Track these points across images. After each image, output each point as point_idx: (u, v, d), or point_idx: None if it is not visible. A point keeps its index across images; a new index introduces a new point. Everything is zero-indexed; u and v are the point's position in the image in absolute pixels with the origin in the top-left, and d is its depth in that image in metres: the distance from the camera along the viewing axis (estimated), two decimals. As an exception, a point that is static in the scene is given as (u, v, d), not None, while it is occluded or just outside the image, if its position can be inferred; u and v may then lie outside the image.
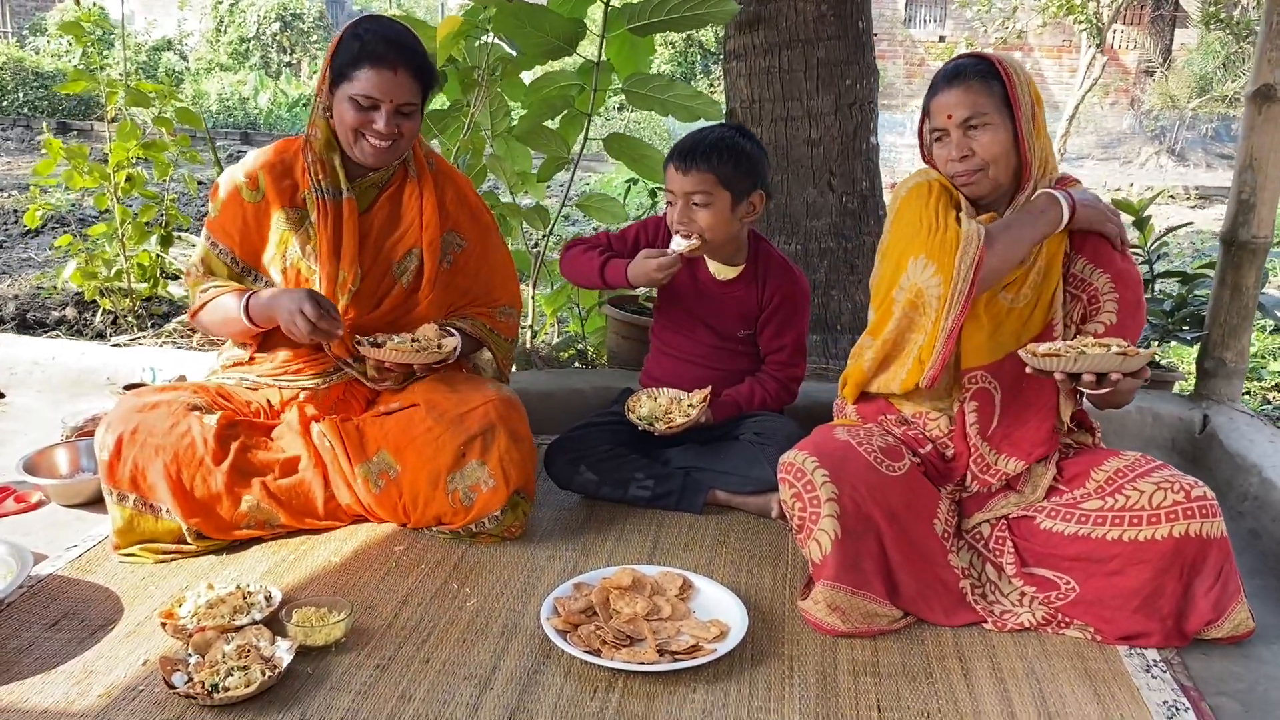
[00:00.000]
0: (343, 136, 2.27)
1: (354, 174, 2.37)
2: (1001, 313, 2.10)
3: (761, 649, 1.92)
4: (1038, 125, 2.08)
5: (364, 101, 2.21)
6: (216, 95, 13.97)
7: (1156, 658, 1.92)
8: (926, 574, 2.03)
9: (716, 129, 2.43)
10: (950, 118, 2.06)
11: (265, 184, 2.35)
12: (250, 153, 2.42)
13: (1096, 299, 2.11)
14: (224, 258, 2.40)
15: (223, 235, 2.39)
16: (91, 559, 2.20)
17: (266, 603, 1.98)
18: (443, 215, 2.45)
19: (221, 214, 2.39)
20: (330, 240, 2.34)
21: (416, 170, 2.44)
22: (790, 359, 2.59)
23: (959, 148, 2.06)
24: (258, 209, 2.36)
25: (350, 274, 2.36)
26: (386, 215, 2.42)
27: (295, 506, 2.31)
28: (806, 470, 2.00)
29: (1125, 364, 1.87)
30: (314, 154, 2.32)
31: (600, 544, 2.35)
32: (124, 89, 3.48)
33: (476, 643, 1.92)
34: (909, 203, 2.11)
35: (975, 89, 2.04)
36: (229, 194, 2.38)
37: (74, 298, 4.09)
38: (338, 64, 2.24)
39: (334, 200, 2.34)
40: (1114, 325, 2.08)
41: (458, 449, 2.25)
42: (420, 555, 2.26)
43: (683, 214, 2.41)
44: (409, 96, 2.24)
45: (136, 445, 2.18)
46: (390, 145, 2.27)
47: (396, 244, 2.42)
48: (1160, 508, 1.91)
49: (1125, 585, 1.93)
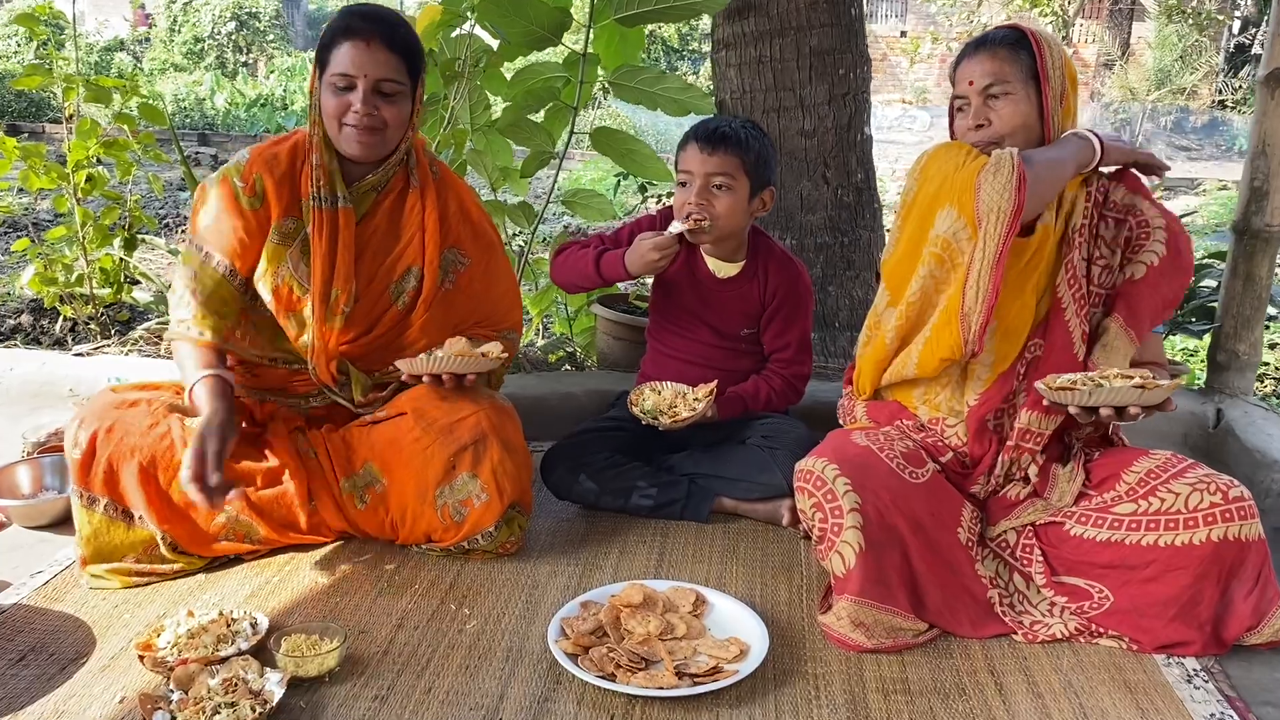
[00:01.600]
0: (330, 129, 2.12)
1: (351, 177, 2.20)
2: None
3: (784, 668, 1.81)
4: (1066, 105, 1.99)
5: (340, 82, 2.06)
6: (172, 96, 13.67)
7: (1197, 667, 1.83)
8: (953, 585, 1.93)
9: (734, 120, 2.36)
10: (971, 84, 1.99)
11: (267, 189, 2.15)
12: (243, 150, 2.21)
13: (1146, 227, 2.02)
14: (221, 271, 2.15)
15: (219, 247, 2.15)
16: (59, 586, 2.05)
17: (252, 630, 1.84)
18: (444, 230, 2.28)
19: (217, 221, 2.15)
20: (325, 255, 2.16)
21: (419, 178, 2.26)
22: (795, 356, 2.49)
23: (976, 116, 1.99)
24: (258, 218, 2.15)
25: (344, 293, 2.18)
26: (385, 228, 2.24)
27: (277, 518, 2.16)
28: (827, 478, 1.89)
29: (1144, 398, 1.78)
30: (316, 156, 2.14)
31: (603, 558, 2.22)
32: (83, 84, 3.30)
33: (480, 669, 1.79)
34: (935, 158, 2.01)
35: (1001, 57, 1.97)
36: (225, 198, 2.15)
37: (29, 304, 3.90)
38: (320, 50, 2.10)
39: (330, 209, 2.16)
40: (1154, 269, 1.99)
41: (448, 460, 2.11)
42: (413, 574, 2.13)
43: (700, 195, 2.30)
44: (387, 71, 2.07)
45: (111, 444, 2.03)
46: (374, 134, 2.09)
47: (396, 261, 2.25)
48: (1197, 510, 1.82)
49: (1162, 592, 1.84)
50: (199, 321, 2.12)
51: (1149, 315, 2.02)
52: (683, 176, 2.35)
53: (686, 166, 2.33)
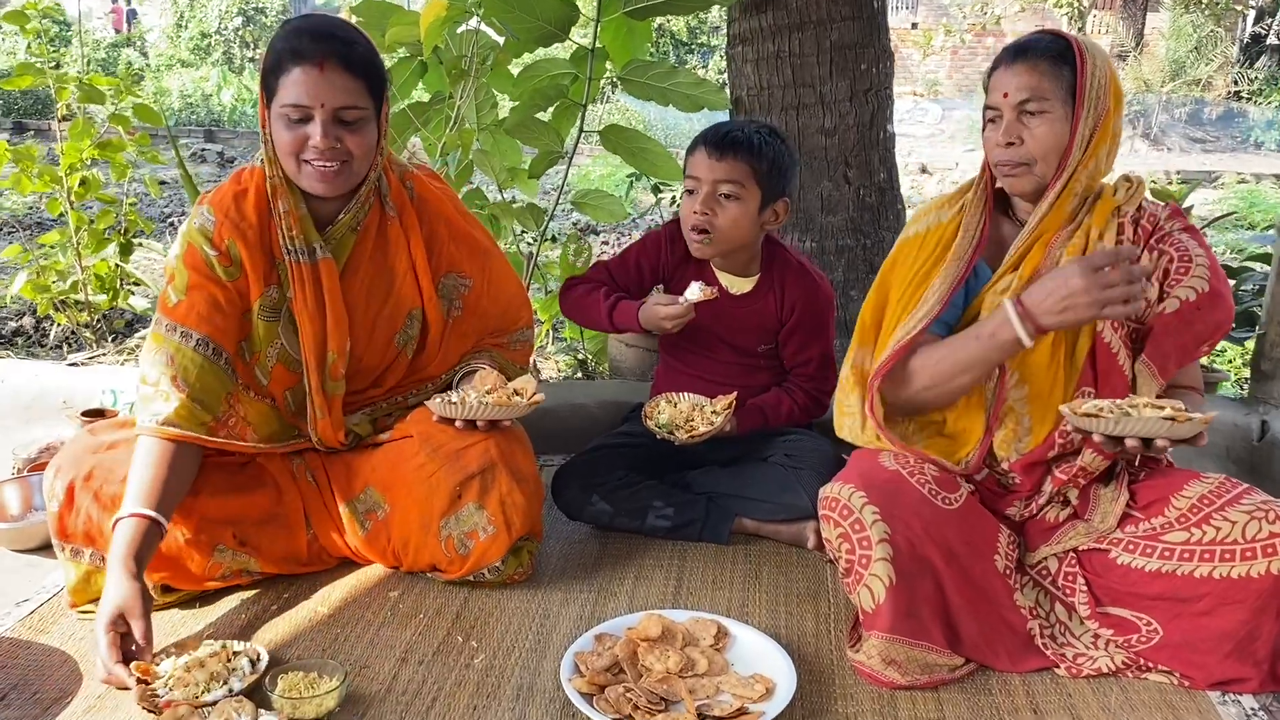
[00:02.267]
0: (287, 167, 1.88)
1: (321, 219, 1.98)
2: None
3: (813, 707, 1.70)
4: (1104, 129, 1.82)
5: (293, 114, 1.82)
6: (178, 92, 13.58)
7: (1255, 705, 1.71)
8: (990, 617, 1.81)
9: (751, 125, 2.22)
10: (1006, 96, 1.84)
11: (242, 257, 1.93)
12: (201, 208, 1.95)
13: (1187, 260, 1.84)
14: (203, 352, 1.92)
15: (201, 323, 1.91)
16: (45, 615, 1.95)
17: (251, 668, 1.73)
18: (435, 259, 2.10)
19: (192, 295, 1.92)
20: (313, 317, 1.97)
21: (395, 205, 2.06)
22: (818, 372, 2.36)
23: (1007, 132, 1.84)
24: (237, 288, 1.95)
25: (340, 355, 2.00)
26: (373, 275, 2.05)
27: (276, 553, 2.05)
28: (854, 507, 1.77)
29: (1173, 430, 1.64)
30: (284, 203, 1.92)
31: (618, 584, 2.11)
32: (76, 84, 3.19)
33: (489, 709, 1.68)
34: (900, 256, 1.98)
35: (1041, 70, 1.81)
36: (197, 269, 1.92)
37: (30, 306, 3.81)
38: (264, 76, 1.86)
39: (310, 263, 1.95)
40: (1188, 304, 1.80)
41: (453, 489, 1.98)
42: (418, 603, 2.02)
43: (705, 203, 2.18)
44: (346, 98, 1.83)
45: (90, 492, 1.89)
46: (340, 166, 1.86)
47: (394, 310, 2.07)
48: (1255, 540, 1.70)
49: (1216, 627, 1.72)
50: (183, 420, 1.89)
51: (1175, 353, 1.84)
52: (690, 183, 2.23)
53: (694, 172, 2.21)
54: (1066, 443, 1.87)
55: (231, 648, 1.75)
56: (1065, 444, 1.87)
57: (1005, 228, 1.98)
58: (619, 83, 3.04)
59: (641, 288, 2.37)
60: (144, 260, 4.02)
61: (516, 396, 2.03)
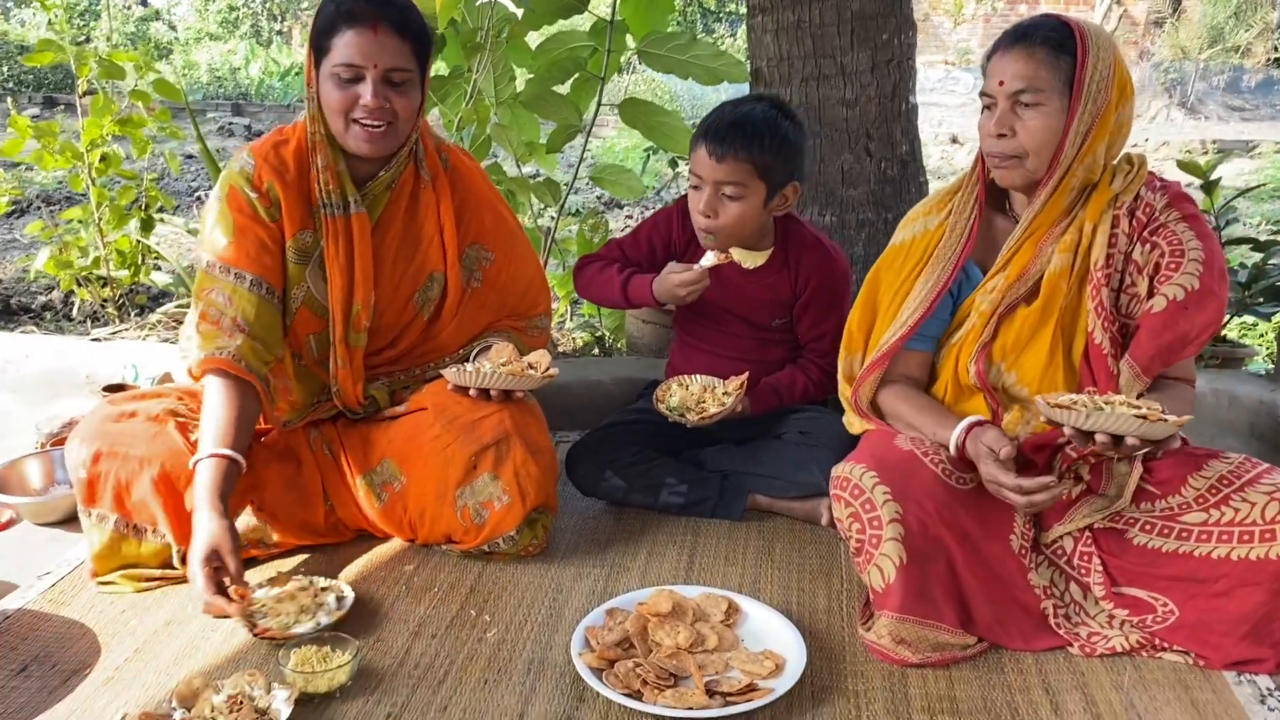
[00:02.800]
0: (334, 125, 1.94)
1: (359, 177, 2.04)
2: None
3: (823, 684, 1.70)
4: (1103, 123, 1.75)
5: (345, 73, 1.88)
6: (206, 65, 13.63)
7: (1271, 685, 1.70)
8: (1004, 598, 1.80)
9: (756, 106, 2.16)
10: (1001, 84, 1.78)
11: (281, 198, 1.98)
12: (241, 154, 2.01)
13: (1179, 255, 1.76)
14: (258, 292, 1.97)
15: (252, 264, 1.97)
16: (66, 588, 1.98)
17: (336, 604, 1.82)
18: (463, 228, 2.14)
19: (240, 236, 1.97)
20: (344, 268, 2.02)
21: (430, 170, 2.10)
22: (833, 347, 2.32)
23: (1000, 123, 1.78)
24: (279, 228, 2.00)
25: (365, 307, 2.04)
26: (402, 234, 2.09)
27: (294, 523, 2.08)
28: (865, 486, 1.75)
29: (1145, 429, 1.58)
30: (322, 157, 1.97)
31: (631, 559, 2.11)
32: (96, 60, 3.20)
33: (500, 683, 1.69)
34: (887, 261, 2.00)
35: (1038, 58, 1.74)
36: (241, 211, 1.98)
37: (56, 282, 3.85)
38: (316, 39, 1.92)
39: (343, 217, 2.00)
40: (1175, 304, 1.74)
41: (468, 460, 2.00)
42: (432, 576, 2.03)
43: (709, 205, 2.15)
44: (397, 60, 1.90)
45: (117, 459, 1.93)
46: (385, 128, 1.93)
47: (419, 270, 2.11)
48: (1275, 522, 1.67)
49: (1233, 609, 1.70)
50: (248, 355, 1.93)
51: (1160, 353, 1.77)
52: (694, 179, 2.19)
53: (697, 170, 2.17)
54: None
55: (319, 584, 1.85)
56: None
57: (999, 223, 1.94)
58: (638, 55, 3.01)
59: (654, 264, 2.35)
60: (169, 235, 4.05)
61: (531, 369, 2.04)
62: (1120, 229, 1.82)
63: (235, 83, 13.46)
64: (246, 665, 1.71)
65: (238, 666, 1.71)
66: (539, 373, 2.04)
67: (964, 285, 1.95)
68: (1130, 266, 1.83)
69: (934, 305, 1.90)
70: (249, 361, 1.93)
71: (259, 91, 13.22)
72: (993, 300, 1.88)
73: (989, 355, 1.89)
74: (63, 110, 10.98)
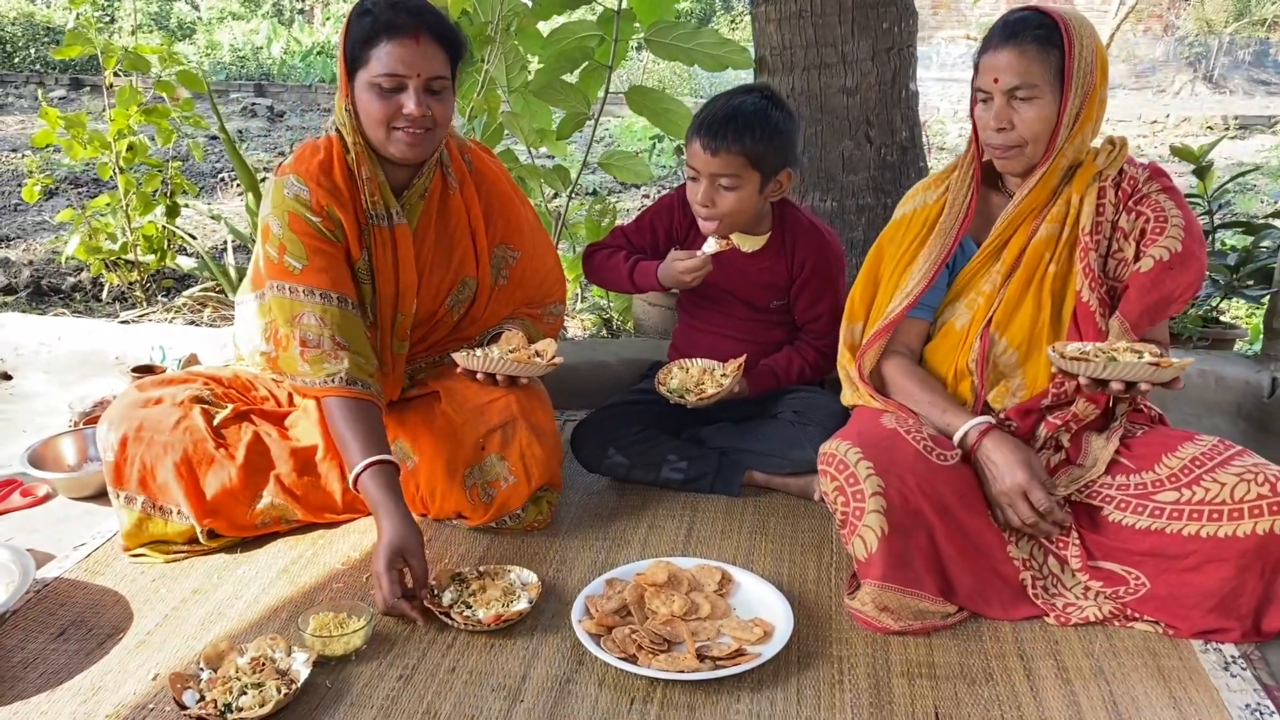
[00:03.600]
0: (374, 135, 1.98)
1: (395, 187, 2.09)
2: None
3: (808, 650, 1.80)
4: (1090, 105, 1.88)
5: (387, 83, 1.92)
6: (229, 45, 13.72)
7: (1235, 653, 1.78)
8: (983, 569, 1.89)
9: (747, 98, 2.23)
10: (996, 81, 1.88)
11: (340, 219, 2.02)
12: (288, 178, 2.02)
13: (1163, 220, 1.91)
14: (344, 308, 2.01)
15: (333, 283, 2.00)
16: (100, 559, 2.10)
17: (523, 588, 1.93)
18: (491, 230, 2.23)
19: (314, 257, 2.00)
20: (391, 280, 2.09)
21: (456, 177, 2.18)
22: (828, 328, 2.43)
23: (999, 118, 1.89)
24: (345, 249, 2.04)
25: (408, 316, 2.14)
26: (435, 241, 2.16)
27: (313, 501, 2.19)
28: (849, 462, 1.85)
29: (1157, 374, 1.73)
30: (367, 169, 2.02)
31: (632, 532, 2.22)
32: (121, 53, 3.31)
33: (505, 648, 1.81)
34: (889, 237, 2.10)
35: (1030, 55, 1.85)
36: (310, 234, 2.00)
37: (89, 264, 3.98)
38: (351, 49, 1.96)
39: (388, 228, 2.07)
40: (1161, 264, 1.88)
41: (476, 441, 2.11)
42: (444, 549, 2.15)
43: (706, 195, 2.23)
44: (437, 69, 1.95)
45: (143, 444, 2.05)
46: (426, 134, 1.97)
47: (455, 275, 2.19)
48: (1243, 501, 1.75)
49: (1202, 584, 1.78)
50: (358, 372, 1.98)
51: (1148, 310, 1.90)
52: (690, 171, 2.27)
53: (692, 163, 2.25)
54: (1060, 393, 1.95)
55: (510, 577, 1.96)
56: (1059, 394, 1.95)
57: (994, 200, 2.06)
58: (645, 43, 3.09)
59: (658, 249, 2.45)
60: (192, 218, 4.17)
61: (537, 357, 2.14)
62: (1107, 199, 1.95)
63: (257, 62, 13.55)
64: (269, 630, 1.83)
65: (260, 631, 1.83)
66: (545, 360, 2.14)
67: (959, 258, 2.06)
68: (1117, 233, 1.95)
69: (935, 276, 2.02)
70: (361, 379, 1.99)
71: (281, 71, 13.31)
72: (994, 282, 1.99)
73: (988, 327, 2.00)
74: (88, 91, 11.13)
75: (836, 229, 3.04)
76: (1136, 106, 12.23)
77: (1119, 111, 11.29)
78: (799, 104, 3.10)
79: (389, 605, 1.82)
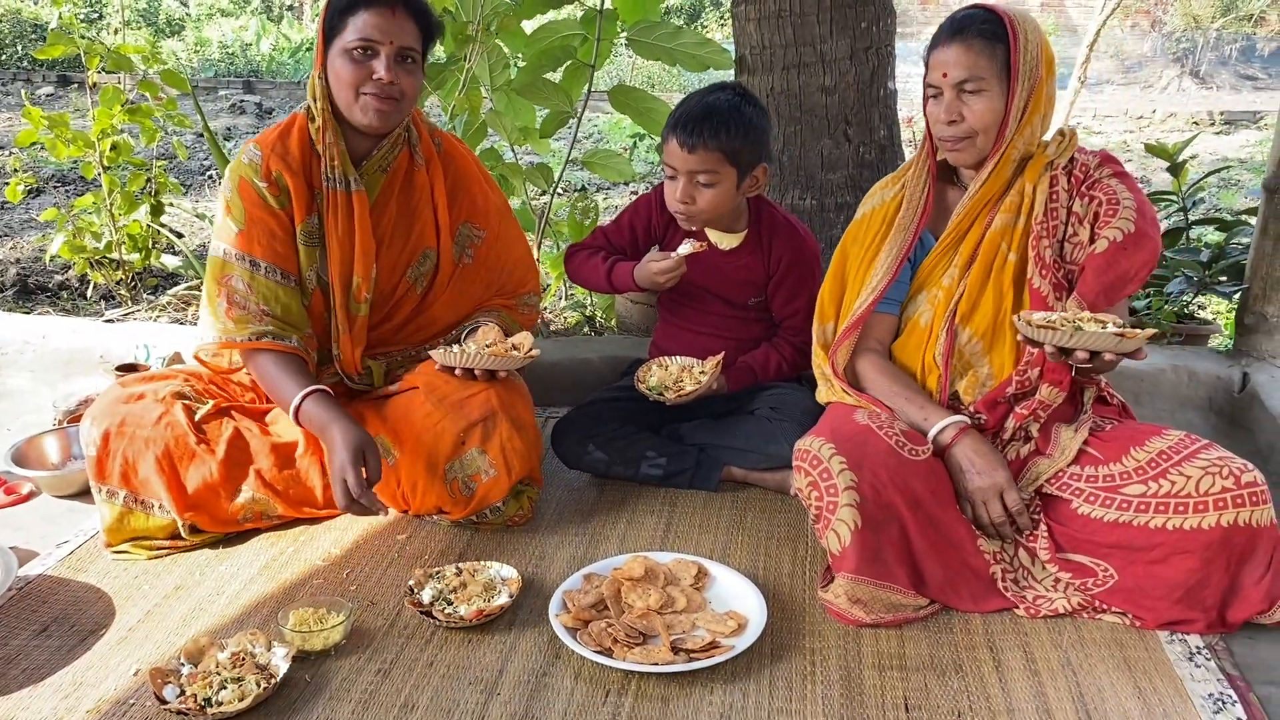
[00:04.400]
0: (342, 99, 2.08)
1: (355, 156, 2.17)
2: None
3: (781, 642, 1.83)
4: (1037, 97, 1.94)
5: (360, 48, 2.01)
6: (218, 42, 13.69)
7: (1200, 644, 1.81)
8: (954, 562, 1.92)
9: (721, 95, 2.27)
10: (945, 76, 1.94)
11: (289, 185, 2.11)
12: (248, 147, 2.14)
13: (1115, 203, 1.95)
14: (273, 277, 2.12)
15: (265, 251, 2.11)
16: (83, 556, 2.12)
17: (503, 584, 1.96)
18: (455, 207, 2.28)
19: (251, 225, 2.11)
20: (342, 239, 2.15)
21: (424, 154, 2.25)
22: (805, 324, 2.44)
23: (949, 110, 1.95)
24: (288, 215, 2.14)
25: (365, 280, 2.18)
26: (398, 214, 2.23)
27: (293, 496, 2.21)
28: (823, 457, 1.88)
29: (1121, 344, 1.75)
30: (330, 133, 2.11)
31: (611, 528, 2.25)
32: (105, 52, 3.32)
33: (483, 642, 1.83)
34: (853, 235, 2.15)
35: (976, 49, 1.91)
36: (252, 201, 2.11)
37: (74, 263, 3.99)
38: (330, 19, 2.06)
39: (344, 191, 2.15)
40: (1115, 245, 1.92)
41: (457, 436, 2.13)
42: (424, 544, 2.17)
43: (685, 193, 2.26)
44: (409, 40, 2.05)
45: (125, 439, 2.08)
46: (393, 103, 2.06)
47: (414, 246, 2.25)
48: (1208, 494, 1.78)
49: (1168, 575, 1.82)
50: (280, 334, 2.11)
51: (1105, 290, 1.94)
52: (668, 169, 2.30)
53: (670, 161, 2.27)
54: (1024, 380, 1.99)
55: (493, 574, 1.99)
56: (1023, 381, 1.99)
57: (951, 194, 2.11)
58: (627, 42, 3.11)
59: (636, 248, 2.48)
60: (178, 216, 4.18)
61: (514, 350, 2.17)
62: (1060, 186, 2.00)
63: (246, 59, 13.50)
64: (249, 626, 1.85)
65: (241, 627, 1.86)
66: (521, 353, 2.17)
67: (919, 252, 2.12)
68: (1071, 218, 2.00)
69: (898, 271, 2.07)
70: (286, 337, 2.11)
71: (270, 68, 13.27)
72: (953, 276, 2.03)
73: (953, 320, 2.03)
74: (76, 88, 11.10)
75: (816, 228, 3.07)
76: (1123, 102, 12.25)
77: (1106, 106, 11.33)
78: (778, 103, 3.12)
79: (359, 494, 1.94)
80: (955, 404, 2.05)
